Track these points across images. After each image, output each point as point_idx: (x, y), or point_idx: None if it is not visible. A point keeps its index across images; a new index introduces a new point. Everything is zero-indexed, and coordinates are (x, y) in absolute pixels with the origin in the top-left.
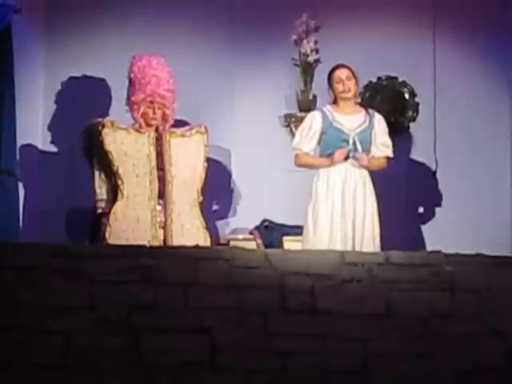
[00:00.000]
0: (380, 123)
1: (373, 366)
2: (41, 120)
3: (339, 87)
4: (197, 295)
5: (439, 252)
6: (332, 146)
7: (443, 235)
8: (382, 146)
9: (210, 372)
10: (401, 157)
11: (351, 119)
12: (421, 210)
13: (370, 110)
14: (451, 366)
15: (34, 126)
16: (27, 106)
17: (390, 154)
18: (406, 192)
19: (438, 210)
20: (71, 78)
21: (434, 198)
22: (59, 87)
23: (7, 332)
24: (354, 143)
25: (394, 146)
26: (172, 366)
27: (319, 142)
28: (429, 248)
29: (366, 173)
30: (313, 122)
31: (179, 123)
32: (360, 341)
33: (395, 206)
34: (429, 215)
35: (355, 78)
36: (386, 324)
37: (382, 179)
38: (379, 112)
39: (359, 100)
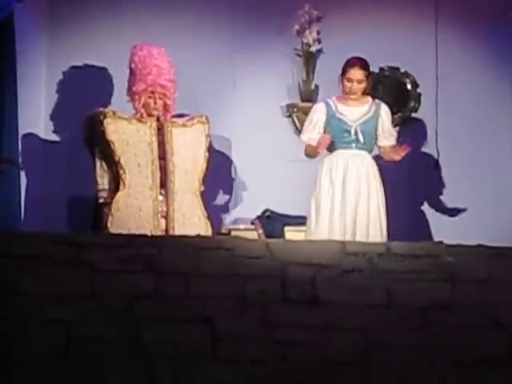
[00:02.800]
0: (386, 113)
1: (374, 357)
2: (43, 109)
3: (348, 85)
4: (198, 285)
5: (440, 243)
6: (335, 136)
7: (445, 226)
8: (391, 135)
9: (211, 362)
10: None
11: (354, 110)
12: (422, 201)
13: (377, 100)
14: (452, 357)
15: (36, 116)
16: (29, 95)
17: (395, 143)
18: (407, 183)
19: (439, 201)
20: (73, 67)
21: (436, 189)
22: (61, 77)
23: (8, 321)
24: (356, 134)
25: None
26: (173, 356)
27: (325, 133)
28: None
29: (371, 163)
30: (315, 113)
31: (180, 113)
32: (361, 331)
33: (397, 198)
34: (430, 206)
35: (367, 78)
36: (387, 314)
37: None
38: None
39: None
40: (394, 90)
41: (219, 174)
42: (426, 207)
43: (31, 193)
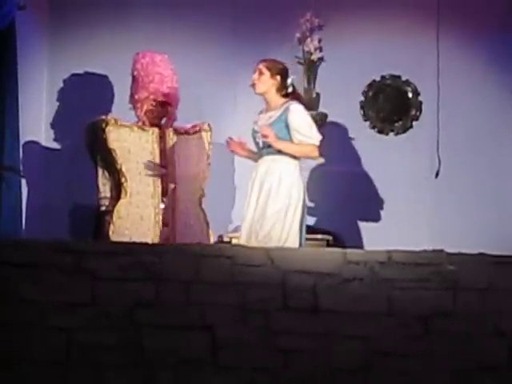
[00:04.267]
0: (293, 112)
1: (375, 365)
2: (44, 117)
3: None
4: (199, 293)
5: (441, 251)
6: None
7: (446, 234)
8: (298, 133)
9: (211, 370)
10: (404, 156)
11: (265, 116)
12: (423, 208)
13: (290, 102)
14: (453, 365)
15: (37, 123)
16: (30, 102)
17: (308, 140)
18: (409, 192)
19: (440, 208)
20: (74, 74)
21: (437, 197)
22: (63, 84)
23: (9, 328)
24: (259, 138)
25: (396, 144)
26: (174, 364)
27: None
28: (431, 247)
29: (278, 167)
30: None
31: (182, 121)
32: (362, 339)
33: (397, 206)
34: (431, 214)
35: (262, 72)
36: (388, 323)
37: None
38: (382, 110)
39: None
40: (395, 98)
41: (221, 181)
42: (426, 215)
43: (32, 200)
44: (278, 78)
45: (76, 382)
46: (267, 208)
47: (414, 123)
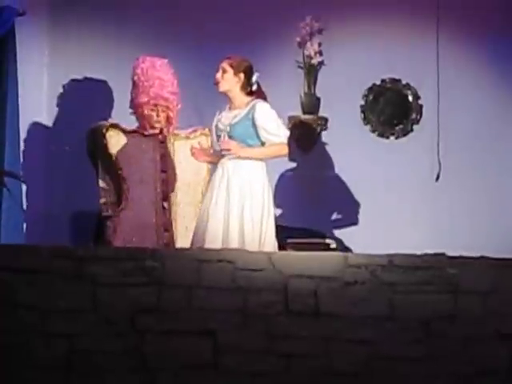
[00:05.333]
0: (259, 111)
1: (376, 369)
2: (44, 122)
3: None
4: (200, 297)
5: (443, 254)
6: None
7: (447, 237)
8: (266, 132)
9: (213, 374)
10: (405, 159)
11: (230, 115)
12: (423, 211)
13: (256, 100)
14: (455, 369)
15: (37, 128)
16: (30, 107)
17: (275, 139)
18: (410, 195)
19: (441, 212)
20: (74, 80)
21: (437, 200)
22: (62, 89)
23: (10, 334)
24: (224, 138)
25: (397, 148)
26: (175, 369)
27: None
28: (432, 250)
29: (245, 167)
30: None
31: (183, 125)
32: (364, 343)
33: (399, 209)
34: (432, 217)
35: (225, 70)
36: (390, 326)
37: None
38: (383, 114)
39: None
40: (395, 101)
41: None
42: (427, 218)
43: (33, 206)
44: (242, 75)
45: None
46: (244, 212)
47: (415, 127)
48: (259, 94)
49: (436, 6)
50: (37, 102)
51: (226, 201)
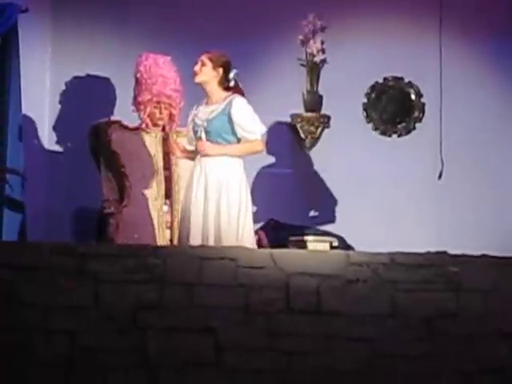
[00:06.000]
0: (236, 107)
1: (378, 367)
2: (47, 119)
3: None
4: (202, 295)
5: (445, 253)
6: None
7: (449, 236)
8: (241, 129)
9: (214, 372)
10: (407, 157)
11: (207, 110)
12: (426, 210)
13: (233, 96)
14: (456, 367)
15: (40, 126)
16: (33, 105)
17: (251, 136)
18: (411, 193)
19: (443, 210)
20: (77, 77)
21: (439, 198)
22: (65, 87)
23: (12, 332)
24: (201, 133)
25: (399, 146)
26: (177, 366)
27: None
28: (435, 248)
29: (223, 163)
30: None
31: (186, 123)
32: (365, 341)
33: (401, 208)
34: (434, 215)
35: (204, 63)
36: (391, 324)
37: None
38: (385, 112)
39: None
40: (397, 99)
41: None
42: (429, 217)
43: (35, 203)
44: (220, 70)
45: None
46: (221, 208)
47: (417, 125)
48: (237, 91)
49: (439, 3)
50: (39, 98)
51: (205, 197)
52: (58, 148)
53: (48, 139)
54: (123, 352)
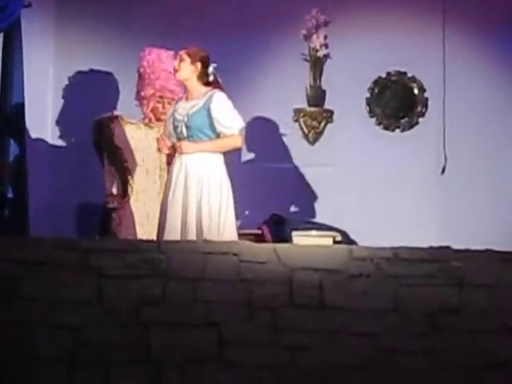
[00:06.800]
0: (216, 102)
1: (381, 362)
2: (50, 114)
3: None
4: (205, 290)
5: (448, 247)
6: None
7: (452, 230)
8: (219, 125)
9: (217, 367)
10: (410, 152)
11: (187, 105)
12: (429, 204)
13: (213, 91)
14: (460, 362)
15: (43, 120)
16: (36, 100)
17: (228, 131)
18: (415, 188)
19: (446, 204)
20: (80, 72)
21: (443, 193)
22: (68, 81)
23: (15, 326)
24: (182, 128)
25: (402, 141)
26: (180, 361)
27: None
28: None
29: (204, 159)
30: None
31: None
32: (368, 336)
33: (403, 202)
34: (437, 210)
35: (182, 58)
36: (394, 319)
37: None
38: (388, 107)
39: None
40: (401, 94)
41: None
42: (433, 211)
43: (39, 198)
44: (199, 65)
45: (82, 380)
46: (202, 203)
47: (420, 120)
48: (216, 86)
49: None
50: (42, 93)
51: (185, 192)
52: (61, 143)
53: (51, 134)
54: (126, 347)
